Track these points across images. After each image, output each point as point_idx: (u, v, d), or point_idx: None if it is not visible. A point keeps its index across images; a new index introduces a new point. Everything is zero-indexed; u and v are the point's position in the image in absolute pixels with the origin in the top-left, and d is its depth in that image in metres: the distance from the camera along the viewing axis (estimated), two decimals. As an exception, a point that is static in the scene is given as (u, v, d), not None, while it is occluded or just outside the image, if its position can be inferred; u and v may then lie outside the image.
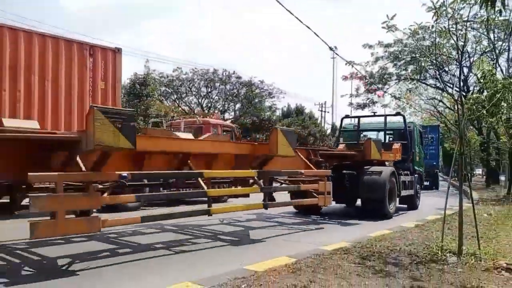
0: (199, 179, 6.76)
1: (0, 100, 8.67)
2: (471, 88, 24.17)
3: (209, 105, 37.09)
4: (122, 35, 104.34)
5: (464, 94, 17.35)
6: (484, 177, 31.34)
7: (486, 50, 21.76)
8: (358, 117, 14.06)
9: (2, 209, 6.41)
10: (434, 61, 16.55)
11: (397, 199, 11.58)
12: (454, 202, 8.34)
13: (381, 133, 13.97)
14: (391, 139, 13.63)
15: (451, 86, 23.99)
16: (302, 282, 4.47)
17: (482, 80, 7.74)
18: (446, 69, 23.45)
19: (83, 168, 5.42)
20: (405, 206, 12.95)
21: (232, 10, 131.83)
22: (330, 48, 15.66)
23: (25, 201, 5.81)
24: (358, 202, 11.58)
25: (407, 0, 6.08)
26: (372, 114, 14.33)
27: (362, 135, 13.92)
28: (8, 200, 6.20)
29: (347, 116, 14.48)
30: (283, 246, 7.08)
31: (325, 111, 54.59)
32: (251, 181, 7.99)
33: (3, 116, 8.31)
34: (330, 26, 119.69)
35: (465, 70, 23.63)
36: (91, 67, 10.22)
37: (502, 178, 25.42)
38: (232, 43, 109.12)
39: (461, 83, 21.31)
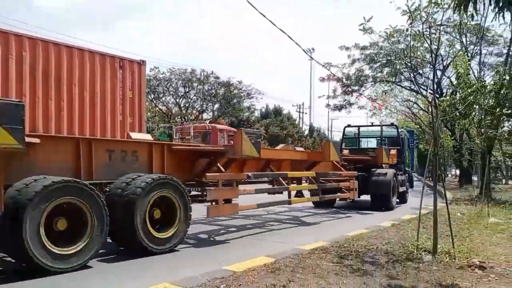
0: (280, 178, 9.35)
1: (48, 108, 9.60)
2: (444, 91, 24.70)
3: (187, 105, 36.84)
4: (96, 33, 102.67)
5: (437, 96, 17.73)
6: (457, 177, 32.05)
7: (458, 54, 22.29)
8: (358, 126, 16.00)
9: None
10: (409, 64, 16.89)
11: (396, 194, 13.72)
12: (429, 201, 8.54)
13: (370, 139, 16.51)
14: (386, 145, 15.33)
15: (425, 88, 24.49)
16: (281, 281, 4.50)
17: (457, 80, 7.97)
18: (420, 71, 23.93)
19: (223, 170, 7.74)
20: (398, 200, 14.46)
21: (232, 10, 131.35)
22: (305, 51, 15.84)
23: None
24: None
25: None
26: (370, 124, 16.70)
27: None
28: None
29: (349, 126, 16.00)
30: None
31: (303, 112, 54.98)
32: (286, 181, 9.87)
33: (50, 121, 9.64)
34: (329, 27, 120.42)
35: (439, 73, 24.17)
36: (120, 78, 11.27)
37: (475, 178, 26.03)
38: (232, 43, 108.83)
39: (435, 86, 21.74)
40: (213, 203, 7.10)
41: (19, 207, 4.74)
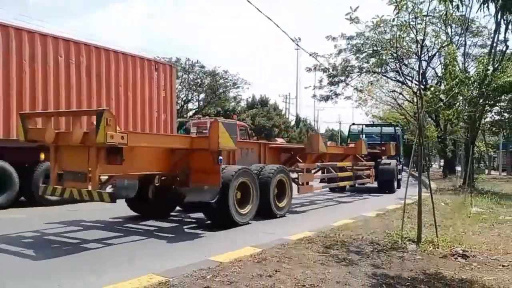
0: (330, 167, 12.33)
1: (100, 105, 10.83)
2: (429, 82, 24.86)
3: (172, 95, 36.43)
4: (74, 21, 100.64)
5: (422, 87, 17.86)
6: (441, 167, 32.40)
7: (443, 45, 22.42)
8: (362, 124, 19.61)
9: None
10: (395, 54, 16.87)
11: (397, 180, 16.42)
12: (413, 191, 8.61)
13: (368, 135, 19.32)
14: (386, 141, 18.03)
15: (411, 79, 24.62)
16: (268, 271, 4.50)
17: (443, 71, 8.01)
18: (406, 62, 24.03)
19: (301, 161, 10.60)
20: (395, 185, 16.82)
21: (232, 10, 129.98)
22: (292, 40, 15.76)
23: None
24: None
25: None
26: (372, 123, 20.03)
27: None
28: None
29: (354, 124, 19.47)
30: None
31: (289, 103, 54.99)
32: (314, 170, 11.68)
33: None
34: (330, 26, 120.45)
35: (424, 63, 24.31)
36: (156, 79, 12.55)
37: (459, 168, 26.38)
38: (232, 43, 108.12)
39: (420, 77, 21.87)
40: (301, 184, 10.18)
41: (226, 182, 7.29)
